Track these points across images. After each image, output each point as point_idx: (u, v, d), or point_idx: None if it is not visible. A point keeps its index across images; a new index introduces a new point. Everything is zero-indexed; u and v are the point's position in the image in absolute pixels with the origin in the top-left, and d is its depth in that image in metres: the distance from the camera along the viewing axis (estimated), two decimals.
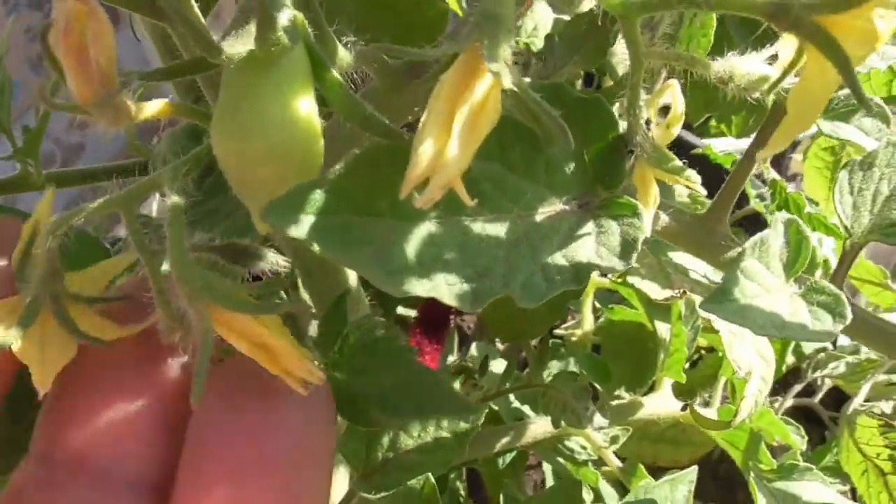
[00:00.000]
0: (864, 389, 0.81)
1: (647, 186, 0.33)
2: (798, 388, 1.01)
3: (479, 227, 0.30)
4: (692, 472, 0.60)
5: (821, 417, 1.16)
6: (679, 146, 0.37)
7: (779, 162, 1.42)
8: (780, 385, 0.98)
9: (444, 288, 0.28)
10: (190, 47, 0.32)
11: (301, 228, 0.26)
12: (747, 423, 0.67)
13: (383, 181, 0.27)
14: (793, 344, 0.90)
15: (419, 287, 0.28)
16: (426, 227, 0.29)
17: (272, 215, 0.25)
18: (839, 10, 0.25)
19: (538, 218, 0.31)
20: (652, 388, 0.77)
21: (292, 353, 0.29)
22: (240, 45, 0.24)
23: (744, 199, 0.94)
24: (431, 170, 0.25)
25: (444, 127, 0.25)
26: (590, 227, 0.32)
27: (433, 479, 0.41)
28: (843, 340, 1.12)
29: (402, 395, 0.36)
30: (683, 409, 0.71)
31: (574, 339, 0.90)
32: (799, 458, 0.78)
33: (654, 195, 0.33)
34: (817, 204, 0.88)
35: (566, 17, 0.49)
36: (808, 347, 0.98)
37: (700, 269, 0.54)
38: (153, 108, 0.26)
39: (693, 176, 0.33)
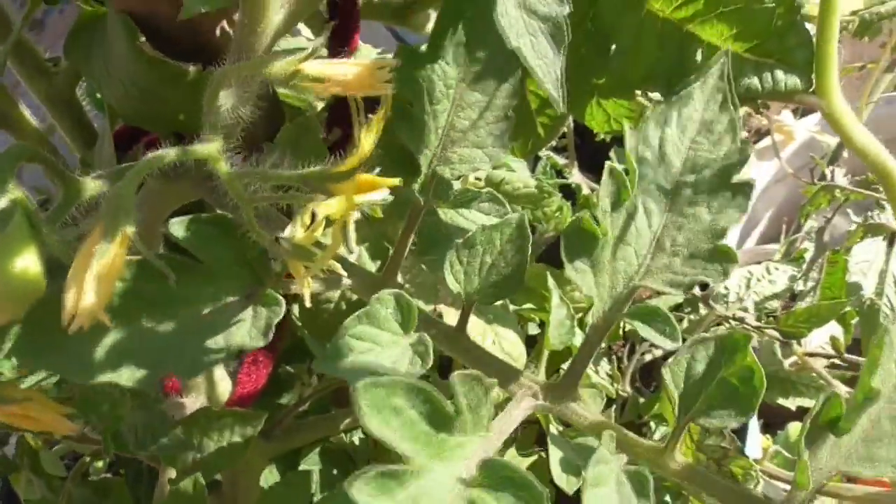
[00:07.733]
0: None
1: (299, 274, 0.46)
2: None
3: (155, 326, 0.42)
4: None
5: None
6: None
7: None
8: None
9: (126, 375, 0.41)
10: None
11: (1, 353, 0.38)
12: None
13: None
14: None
15: (105, 377, 0.41)
16: (112, 335, 0.41)
17: None
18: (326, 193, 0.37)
19: (206, 311, 0.44)
20: None
21: (49, 418, 0.43)
22: None
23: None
24: (75, 311, 0.37)
25: (82, 281, 0.37)
26: (248, 313, 0.44)
27: (202, 480, 0.54)
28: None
29: (147, 433, 0.49)
30: None
31: None
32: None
33: (306, 280, 0.46)
34: None
35: None
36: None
37: None
38: None
39: (335, 265, 0.46)
